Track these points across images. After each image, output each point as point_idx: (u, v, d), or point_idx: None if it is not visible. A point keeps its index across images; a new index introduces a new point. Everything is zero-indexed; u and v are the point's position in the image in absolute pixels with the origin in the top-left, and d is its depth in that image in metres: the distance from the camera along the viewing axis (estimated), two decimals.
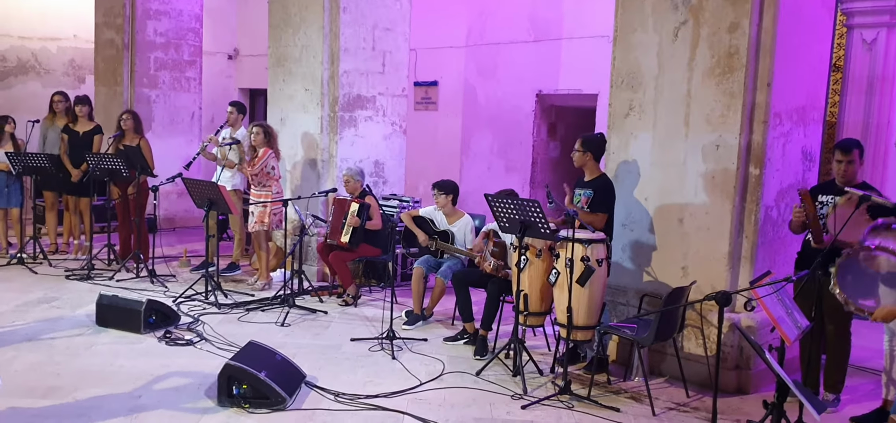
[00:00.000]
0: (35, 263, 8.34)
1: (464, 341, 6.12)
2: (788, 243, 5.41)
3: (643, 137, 5.60)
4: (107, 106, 10.79)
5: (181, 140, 11.16)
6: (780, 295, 4.04)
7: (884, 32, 7.52)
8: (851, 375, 5.19)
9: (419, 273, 6.66)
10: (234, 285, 7.76)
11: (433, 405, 4.82)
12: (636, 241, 5.66)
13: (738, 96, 5.11)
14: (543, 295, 5.49)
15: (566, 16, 9.52)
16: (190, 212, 11.02)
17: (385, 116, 8.46)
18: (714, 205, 5.26)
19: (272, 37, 8.51)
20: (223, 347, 5.71)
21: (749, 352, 5.20)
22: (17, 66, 12.30)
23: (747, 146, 5.15)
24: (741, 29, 5.08)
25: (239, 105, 8.41)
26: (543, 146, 10.18)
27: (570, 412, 4.78)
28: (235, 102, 8.54)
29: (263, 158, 7.43)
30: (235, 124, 8.23)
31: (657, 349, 5.45)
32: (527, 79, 9.95)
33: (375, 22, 8.24)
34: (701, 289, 5.15)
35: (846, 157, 4.79)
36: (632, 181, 5.64)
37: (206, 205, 7.04)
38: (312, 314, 6.80)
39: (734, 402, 5.05)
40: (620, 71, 5.71)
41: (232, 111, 8.28)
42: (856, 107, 7.68)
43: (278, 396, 4.59)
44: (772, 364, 3.79)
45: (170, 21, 11.00)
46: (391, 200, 8.17)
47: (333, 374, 5.28)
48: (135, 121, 8.43)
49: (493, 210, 5.31)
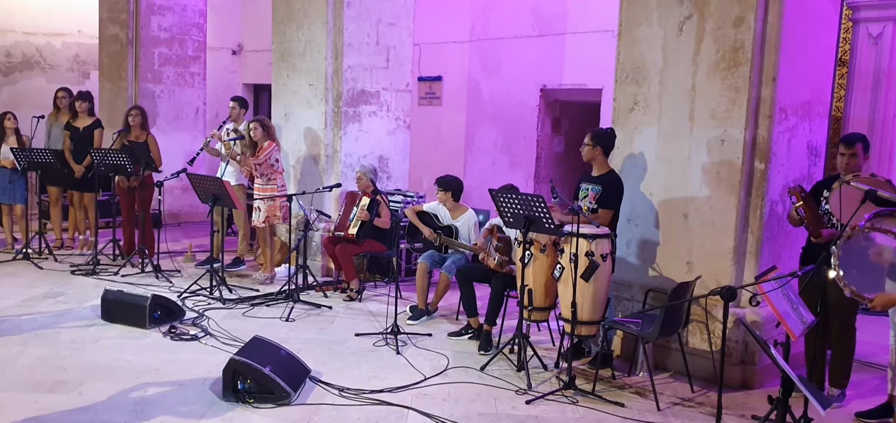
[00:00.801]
0: (40, 258, 8.37)
1: (468, 337, 6.13)
2: (794, 237, 5.39)
3: (648, 131, 5.59)
4: (111, 102, 10.81)
5: (185, 136, 11.18)
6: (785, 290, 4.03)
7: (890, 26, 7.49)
8: (857, 370, 5.18)
9: (423, 268, 6.66)
10: (239, 280, 7.77)
11: (437, 399, 4.83)
12: (641, 236, 5.65)
13: (743, 91, 5.10)
14: (548, 290, 5.48)
15: (570, 10, 9.49)
16: (195, 207, 11.04)
17: (389, 112, 8.45)
18: (719, 200, 5.24)
19: (276, 32, 8.51)
20: (228, 342, 5.72)
21: (754, 347, 5.19)
22: (21, 62, 12.33)
23: (752, 141, 5.13)
24: (746, 23, 5.06)
25: (241, 100, 8.41)
26: (547, 141, 10.16)
27: (575, 407, 4.78)
28: (237, 97, 8.55)
29: (268, 150, 7.45)
30: (238, 119, 8.24)
31: (662, 345, 5.45)
32: (531, 74, 9.93)
33: (379, 17, 8.23)
34: (706, 284, 5.14)
35: (849, 150, 4.78)
36: (637, 176, 5.63)
37: (211, 200, 7.05)
38: (317, 309, 6.80)
39: (739, 397, 5.05)
40: (625, 65, 5.70)
41: (234, 106, 8.28)
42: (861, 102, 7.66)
43: (283, 391, 4.60)
44: (777, 360, 3.78)
45: (174, 16, 11.01)
46: (395, 196, 8.17)
47: (338, 369, 5.29)
48: (143, 117, 8.44)
49: (498, 205, 5.30)
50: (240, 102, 8.34)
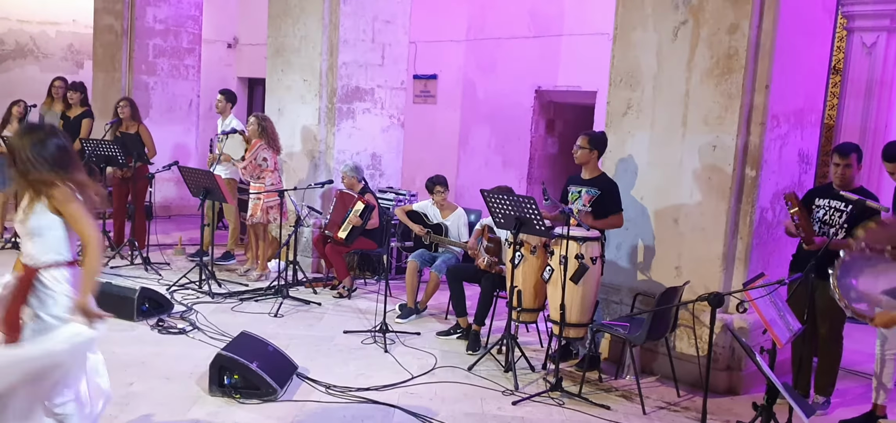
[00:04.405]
0: None
1: (457, 336, 6.12)
2: (783, 244, 5.40)
3: (640, 136, 5.59)
4: (105, 92, 10.76)
5: (178, 128, 11.14)
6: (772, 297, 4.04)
7: (884, 36, 7.51)
8: (842, 378, 5.20)
9: (413, 267, 6.65)
10: (228, 274, 7.75)
11: (424, 398, 4.82)
12: (631, 239, 5.65)
13: (736, 97, 5.10)
14: (537, 292, 5.48)
15: (567, 12, 9.49)
16: (186, 199, 10.99)
17: (383, 109, 8.44)
18: (709, 205, 5.25)
19: (271, 26, 8.48)
20: (216, 336, 5.70)
21: (740, 353, 5.20)
22: (15, 50, 12.26)
23: (744, 148, 5.14)
24: (741, 30, 5.06)
25: (228, 93, 8.29)
26: (541, 142, 10.16)
27: (561, 409, 4.78)
28: (224, 90, 8.41)
29: (254, 150, 7.39)
30: (224, 113, 8.16)
31: (649, 348, 5.45)
32: (526, 74, 9.93)
33: (375, 14, 8.21)
34: (694, 289, 5.14)
35: (844, 160, 4.79)
36: (628, 180, 5.63)
37: (202, 194, 7.02)
38: (306, 306, 6.79)
39: (725, 402, 5.06)
40: (619, 69, 5.70)
41: (221, 100, 8.18)
42: (854, 110, 7.68)
43: (269, 387, 4.59)
44: (761, 366, 3.79)
45: (169, 8, 10.95)
46: (388, 193, 8.16)
47: (325, 366, 5.27)
48: (132, 108, 8.39)
49: (489, 206, 5.30)
50: (226, 96, 8.24)
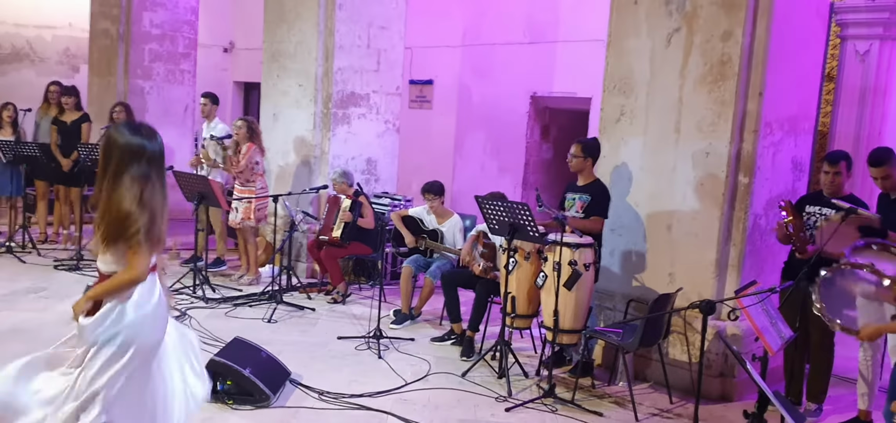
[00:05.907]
0: (24, 252, 8.31)
1: (451, 342, 6.12)
2: (776, 251, 5.41)
3: (634, 142, 5.60)
4: (100, 96, 10.74)
5: (174, 133, 11.08)
6: (764, 305, 4.05)
7: (877, 44, 7.53)
8: (834, 385, 5.21)
9: (408, 272, 6.65)
10: (222, 279, 7.74)
11: (418, 405, 4.82)
12: (624, 246, 5.66)
13: (729, 104, 5.12)
14: (531, 298, 5.49)
15: (561, 19, 9.51)
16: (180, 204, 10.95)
17: (378, 114, 8.44)
18: (703, 212, 5.26)
19: (267, 32, 8.49)
20: (209, 342, 5.68)
21: (733, 360, 5.20)
22: (10, 54, 12.24)
23: (737, 154, 5.16)
24: (734, 37, 5.08)
25: (212, 96, 8.23)
26: (536, 148, 10.17)
27: (554, 415, 4.79)
28: (208, 93, 8.33)
29: (249, 154, 7.40)
30: (210, 116, 8.14)
31: (642, 355, 5.46)
32: (521, 80, 9.94)
33: (371, 20, 8.22)
34: (687, 296, 5.15)
35: (833, 168, 4.81)
36: (622, 187, 5.65)
37: (196, 199, 7.02)
38: (300, 311, 6.78)
39: (717, 409, 5.06)
40: (613, 76, 5.71)
41: (205, 103, 8.14)
42: (848, 118, 7.69)
43: (262, 393, 4.59)
44: (752, 374, 3.80)
45: (166, 13, 10.94)
46: (383, 199, 8.16)
47: (319, 372, 5.27)
48: (127, 113, 8.39)
49: (484, 212, 5.31)
50: (211, 98, 8.19)
